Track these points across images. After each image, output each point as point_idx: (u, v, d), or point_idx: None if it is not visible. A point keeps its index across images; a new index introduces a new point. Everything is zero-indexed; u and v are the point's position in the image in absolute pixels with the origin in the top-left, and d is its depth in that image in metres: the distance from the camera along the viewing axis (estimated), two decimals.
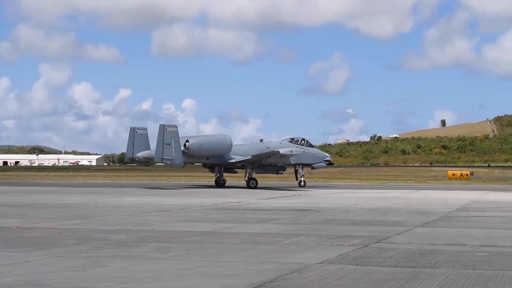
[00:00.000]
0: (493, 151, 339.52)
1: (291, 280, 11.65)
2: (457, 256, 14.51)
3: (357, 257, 14.38)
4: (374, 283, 11.50)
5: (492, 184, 67.69)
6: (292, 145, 55.68)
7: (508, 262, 13.74)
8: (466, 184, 67.03)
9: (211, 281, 11.60)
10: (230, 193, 44.09)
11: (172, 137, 51.53)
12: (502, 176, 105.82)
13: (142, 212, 26.62)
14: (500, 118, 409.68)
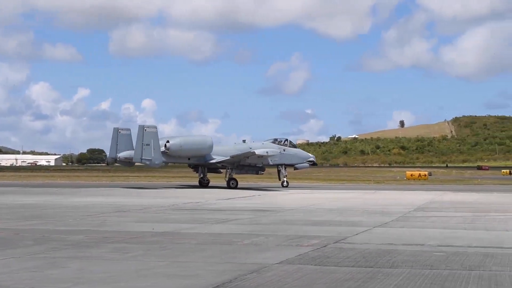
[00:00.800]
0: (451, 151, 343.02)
1: (250, 281, 11.65)
2: (415, 256, 14.62)
3: (315, 257, 14.43)
4: (332, 283, 11.55)
5: (449, 185, 68.34)
6: (274, 146, 56.33)
7: (464, 262, 13.88)
8: (424, 185, 67.58)
9: (170, 282, 11.56)
10: (190, 193, 43.97)
11: (152, 137, 52.30)
12: (459, 176, 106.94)
13: (101, 213, 26.45)
14: (458, 119, 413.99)
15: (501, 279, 12.04)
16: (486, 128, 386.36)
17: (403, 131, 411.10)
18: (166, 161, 55.21)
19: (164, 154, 53.86)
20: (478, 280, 11.87)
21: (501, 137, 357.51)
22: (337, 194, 44.90)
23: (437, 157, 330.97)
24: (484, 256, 14.79)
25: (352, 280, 11.80)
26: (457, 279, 11.97)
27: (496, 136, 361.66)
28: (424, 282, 11.67)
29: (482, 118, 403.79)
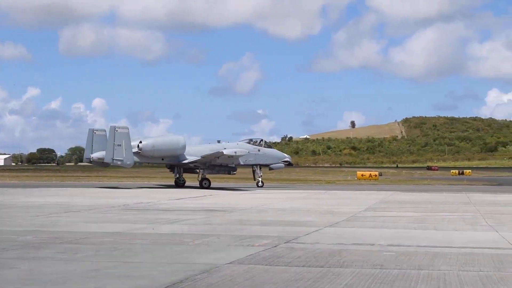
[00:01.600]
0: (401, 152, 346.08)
1: (200, 281, 11.65)
2: (365, 256, 14.73)
3: (266, 257, 14.46)
4: (283, 283, 11.59)
5: (399, 185, 68.95)
6: (249, 146, 56.87)
7: (414, 261, 14.02)
8: (374, 185, 68.09)
9: (120, 283, 11.50)
10: (142, 193, 43.74)
11: (123, 138, 52.65)
12: (409, 177, 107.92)
13: (51, 213, 26.19)
14: (408, 120, 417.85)
15: (450, 278, 12.19)
16: (435, 129, 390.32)
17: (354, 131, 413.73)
18: (139, 161, 55.64)
19: (137, 154, 54.28)
20: (427, 280, 12.00)
21: (450, 138, 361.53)
22: (289, 194, 45.03)
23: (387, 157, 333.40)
24: (434, 255, 14.95)
25: (303, 280, 11.86)
26: (407, 278, 12.09)
27: (445, 137, 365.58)
28: (374, 281, 11.77)
29: (431, 119, 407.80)
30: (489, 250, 16.03)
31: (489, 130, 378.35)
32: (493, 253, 15.53)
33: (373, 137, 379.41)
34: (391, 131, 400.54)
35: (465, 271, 12.92)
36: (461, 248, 16.34)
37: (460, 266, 13.57)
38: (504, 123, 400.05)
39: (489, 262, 14.13)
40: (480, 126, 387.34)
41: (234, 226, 21.56)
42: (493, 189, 57.56)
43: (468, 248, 16.48)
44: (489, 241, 18.01)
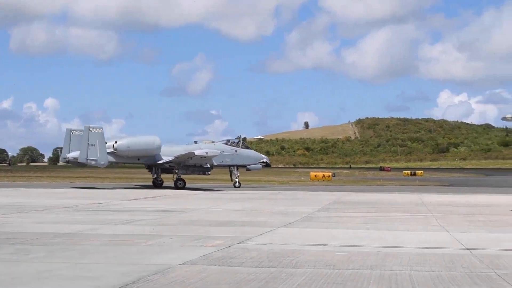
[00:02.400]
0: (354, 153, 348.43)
1: (153, 282, 11.60)
2: (318, 256, 14.80)
3: (220, 257, 14.45)
4: (236, 283, 11.59)
5: (353, 185, 69.37)
6: (226, 147, 57.74)
7: (366, 262, 14.11)
8: (328, 185, 68.43)
9: (72, 284, 11.42)
10: (97, 194, 43.43)
11: (97, 138, 53.20)
12: (362, 177, 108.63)
13: (3, 214, 25.88)
14: (361, 121, 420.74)
15: (401, 278, 12.29)
16: (388, 130, 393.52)
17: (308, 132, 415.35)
18: (115, 161, 56.14)
19: (112, 154, 54.95)
20: (379, 280, 12.10)
21: (402, 139, 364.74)
22: (243, 195, 45.05)
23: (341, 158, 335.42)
24: (386, 255, 15.07)
25: (256, 280, 11.87)
26: (359, 278, 12.17)
27: (398, 138, 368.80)
28: (327, 281, 11.83)
29: (384, 120, 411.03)
30: (440, 250, 16.20)
31: (441, 131, 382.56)
32: (444, 253, 15.70)
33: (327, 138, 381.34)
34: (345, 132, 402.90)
35: (416, 271, 13.04)
36: (412, 248, 16.48)
37: (412, 266, 13.69)
38: (456, 124, 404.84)
39: (440, 262, 14.28)
40: (432, 127, 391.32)
41: (187, 227, 21.51)
42: (444, 190, 58.17)
43: (419, 248, 16.63)
44: (440, 241, 18.19)
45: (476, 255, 15.31)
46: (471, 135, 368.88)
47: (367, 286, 11.53)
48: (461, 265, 13.91)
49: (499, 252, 15.96)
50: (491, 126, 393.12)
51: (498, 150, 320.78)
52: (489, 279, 12.33)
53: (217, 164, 57.68)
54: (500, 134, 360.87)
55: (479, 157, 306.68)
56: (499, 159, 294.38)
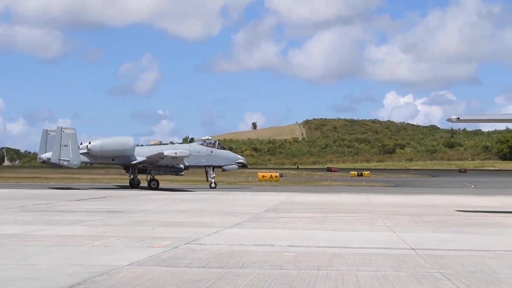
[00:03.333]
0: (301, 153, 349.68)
1: (99, 283, 11.52)
2: (265, 257, 14.82)
3: (167, 258, 14.40)
4: (183, 284, 11.56)
5: (300, 186, 69.65)
6: (201, 148, 58.54)
7: (312, 262, 14.18)
8: (275, 186, 68.59)
9: (18, 285, 11.28)
10: (44, 195, 42.95)
11: (70, 139, 53.83)
12: (309, 178, 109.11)
13: None
14: (309, 122, 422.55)
15: (347, 278, 12.38)
16: (335, 130, 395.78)
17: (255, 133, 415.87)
18: (89, 161, 56.82)
19: (87, 155, 55.81)
20: (325, 280, 12.16)
21: (349, 140, 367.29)
22: (190, 195, 44.94)
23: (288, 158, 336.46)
24: (332, 256, 15.16)
25: (203, 281, 11.86)
26: (305, 279, 12.22)
27: (345, 139, 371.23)
28: (274, 282, 11.86)
29: (331, 121, 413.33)
30: (386, 251, 16.35)
31: (387, 133, 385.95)
32: (390, 253, 15.84)
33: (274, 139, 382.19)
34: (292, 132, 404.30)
35: (362, 271, 13.14)
36: (359, 249, 16.61)
37: (358, 266, 13.79)
38: (402, 125, 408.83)
39: (386, 262, 14.41)
40: (378, 129, 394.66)
41: (134, 227, 21.39)
42: (390, 191, 58.71)
43: (366, 248, 16.76)
44: (387, 242, 18.36)
45: (422, 255, 15.48)
46: (417, 136, 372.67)
47: (314, 286, 11.58)
48: (407, 265, 14.04)
49: (444, 252, 16.15)
50: (437, 128, 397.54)
51: (443, 151, 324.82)
52: (434, 278, 12.48)
53: (192, 165, 58.52)
54: (445, 135, 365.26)
55: (425, 158, 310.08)
56: (445, 160, 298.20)
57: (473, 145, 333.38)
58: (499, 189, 64.45)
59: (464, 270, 13.45)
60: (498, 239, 19.88)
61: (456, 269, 13.54)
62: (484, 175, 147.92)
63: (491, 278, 12.59)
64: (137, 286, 11.36)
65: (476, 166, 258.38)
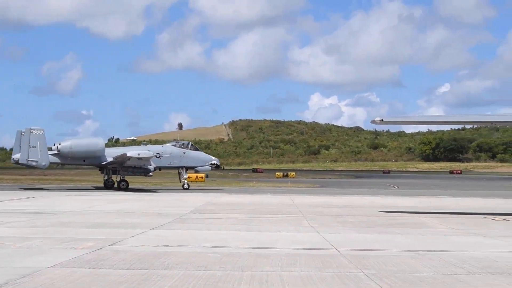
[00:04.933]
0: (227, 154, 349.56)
1: (21, 285, 11.36)
2: (190, 258, 14.80)
3: (90, 260, 14.27)
4: (107, 285, 11.48)
5: (225, 187, 69.62)
6: (173, 149, 59.58)
7: (237, 263, 14.22)
8: (201, 187, 68.45)
9: None
10: None
11: (38, 139, 54.55)
12: (235, 178, 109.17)
13: None
14: (235, 123, 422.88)
15: (272, 279, 12.45)
16: (261, 131, 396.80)
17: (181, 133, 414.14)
18: (60, 162, 57.70)
19: (57, 155, 56.68)
20: (250, 281, 12.21)
21: (275, 141, 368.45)
22: (116, 196, 44.56)
23: None
24: (257, 256, 15.22)
25: (127, 282, 11.79)
26: (230, 279, 12.25)
27: (270, 140, 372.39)
28: (198, 283, 11.86)
29: (257, 122, 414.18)
30: (310, 251, 16.48)
31: (312, 134, 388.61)
32: (314, 253, 15.98)
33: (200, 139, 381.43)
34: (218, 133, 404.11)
35: (287, 272, 13.23)
36: (284, 249, 16.71)
37: (283, 266, 13.88)
38: (327, 126, 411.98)
39: (311, 262, 14.53)
40: (304, 130, 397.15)
41: (58, 229, 21.12)
42: (315, 191, 59.15)
43: (290, 249, 16.87)
44: (311, 242, 18.51)
45: (345, 256, 15.66)
46: (341, 138, 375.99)
47: (238, 287, 11.61)
48: (331, 265, 14.18)
49: (367, 252, 16.37)
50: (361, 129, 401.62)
51: (367, 152, 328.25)
52: (357, 278, 12.64)
53: (165, 166, 59.81)
54: (369, 136, 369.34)
55: (349, 159, 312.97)
56: (369, 161, 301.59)
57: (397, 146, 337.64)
58: (422, 190, 65.51)
59: (386, 270, 13.65)
60: (419, 239, 20.21)
61: (378, 269, 13.74)
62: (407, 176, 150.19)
63: (412, 278, 12.81)
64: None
65: (399, 167, 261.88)
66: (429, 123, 45.74)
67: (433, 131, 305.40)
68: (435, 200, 44.62)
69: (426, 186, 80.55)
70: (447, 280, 12.67)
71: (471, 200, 45.89)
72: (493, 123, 35.35)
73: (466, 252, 16.96)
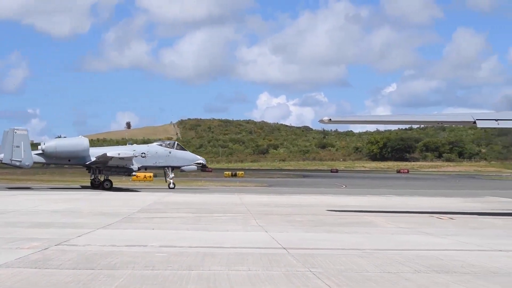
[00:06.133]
0: None
1: None
2: (137, 257, 14.72)
3: (36, 260, 14.12)
4: (52, 285, 11.37)
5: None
6: (159, 148, 59.94)
7: (185, 262, 14.18)
8: (149, 186, 68.14)
9: None
10: None
11: (22, 139, 55.16)
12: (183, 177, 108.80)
13: None
14: (184, 122, 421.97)
15: (220, 278, 12.43)
16: (210, 131, 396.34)
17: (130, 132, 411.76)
18: (45, 162, 57.92)
19: (42, 155, 56.92)
20: (197, 280, 12.18)
21: (224, 140, 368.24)
22: (65, 196, 44.13)
23: None
24: (205, 256, 15.20)
25: (74, 282, 11.69)
26: (178, 279, 12.21)
27: (219, 139, 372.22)
28: (146, 282, 11.80)
29: (206, 121, 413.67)
30: (258, 250, 16.51)
31: (261, 133, 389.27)
32: (262, 252, 16.01)
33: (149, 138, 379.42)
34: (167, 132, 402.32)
35: (235, 271, 13.23)
36: (232, 248, 16.71)
37: (230, 266, 13.88)
38: (276, 126, 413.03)
39: (258, 261, 14.55)
40: (252, 129, 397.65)
41: (3, 229, 20.84)
42: (264, 191, 59.25)
43: (238, 248, 16.89)
44: (259, 241, 18.55)
45: (293, 255, 15.71)
46: (290, 137, 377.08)
47: (186, 287, 11.59)
48: (278, 264, 14.22)
49: (314, 251, 16.44)
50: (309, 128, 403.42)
51: (315, 152, 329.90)
52: (305, 277, 12.69)
53: (151, 165, 60.21)
54: (317, 136, 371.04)
55: (298, 158, 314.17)
56: (317, 160, 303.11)
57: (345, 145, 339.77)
58: (369, 189, 66.03)
59: (334, 269, 13.73)
60: (367, 238, 20.36)
61: (326, 268, 13.81)
62: (355, 175, 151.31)
63: (360, 276, 12.91)
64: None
65: (348, 166, 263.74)
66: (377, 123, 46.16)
67: (380, 130, 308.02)
68: (383, 199, 45.02)
69: (374, 185, 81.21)
70: (393, 278, 12.79)
71: (418, 199, 46.41)
72: (440, 123, 35.77)
73: (413, 250, 17.14)
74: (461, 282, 12.51)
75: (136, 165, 58.14)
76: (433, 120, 35.75)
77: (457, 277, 13.05)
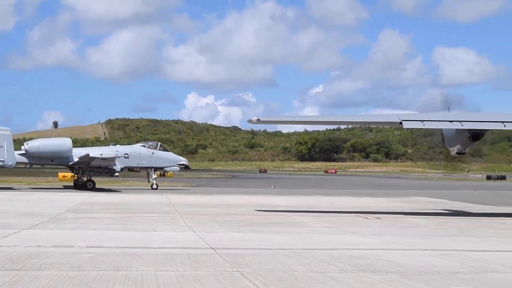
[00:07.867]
0: None
1: None
2: (63, 258, 14.56)
3: None
4: None
5: (102, 185, 68.72)
6: (142, 149, 60.20)
7: (112, 263, 14.08)
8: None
9: None
10: None
11: (5, 139, 55.24)
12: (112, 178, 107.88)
13: None
14: (112, 121, 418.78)
15: (147, 278, 12.38)
16: (138, 130, 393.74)
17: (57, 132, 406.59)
18: (27, 162, 57.83)
19: (25, 155, 57.10)
20: (124, 280, 12.11)
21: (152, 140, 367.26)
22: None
23: None
24: (132, 256, 15.11)
25: None
26: (104, 280, 12.12)
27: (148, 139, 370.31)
28: (72, 283, 11.68)
29: (134, 121, 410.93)
30: (186, 250, 16.49)
31: (190, 133, 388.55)
32: (190, 252, 15.99)
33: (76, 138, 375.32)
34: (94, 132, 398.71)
35: (162, 271, 13.19)
36: (159, 249, 16.66)
37: (158, 266, 13.83)
38: (204, 126, 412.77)
39: (186, 261, 14.53)
40: (181, 129, 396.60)
41: None
42: (192, 191, 59.19)
43: (166, 248, 16.85)
44: (187, 241, 18.54)
45: (221, 254, 15.73)
46: (218, 137, 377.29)
47: (113, 287, 11.51)
48: (206, 264, 14.22)
49: (242, 251, 16.49)
50: (238, 129, 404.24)
51: (244, 152, 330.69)
52: (232, 277, 12.71)
53: (133, 166, 60.92)
54: (246, 136, 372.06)
55: (227, 159, 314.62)
56: (246, 160, 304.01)
57: (273, 146, 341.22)
58: (298, 189, 66.49)
59: (262, 268, 13.79)
60: (294, 237, 20.50)
61: (254, 268, 13.86)
62: (284, 175, 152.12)
63: (287, 276, 12.99)
64: None
65: (276, 166, 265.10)
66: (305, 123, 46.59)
67: (309, 131, 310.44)
68: (311, 199, 45.37)
69: (302, 185, 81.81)
70: (320, 277, 12.90)
71: (345, 199, 46.90)
72: (367, 124, 36.26)
73: (339, 250, 17.33)
74: (387, 281, 12.69)
75: (119, 166, 58.33)
76: (360, 120, 36.20)
77: (383, 276, 13.24)
